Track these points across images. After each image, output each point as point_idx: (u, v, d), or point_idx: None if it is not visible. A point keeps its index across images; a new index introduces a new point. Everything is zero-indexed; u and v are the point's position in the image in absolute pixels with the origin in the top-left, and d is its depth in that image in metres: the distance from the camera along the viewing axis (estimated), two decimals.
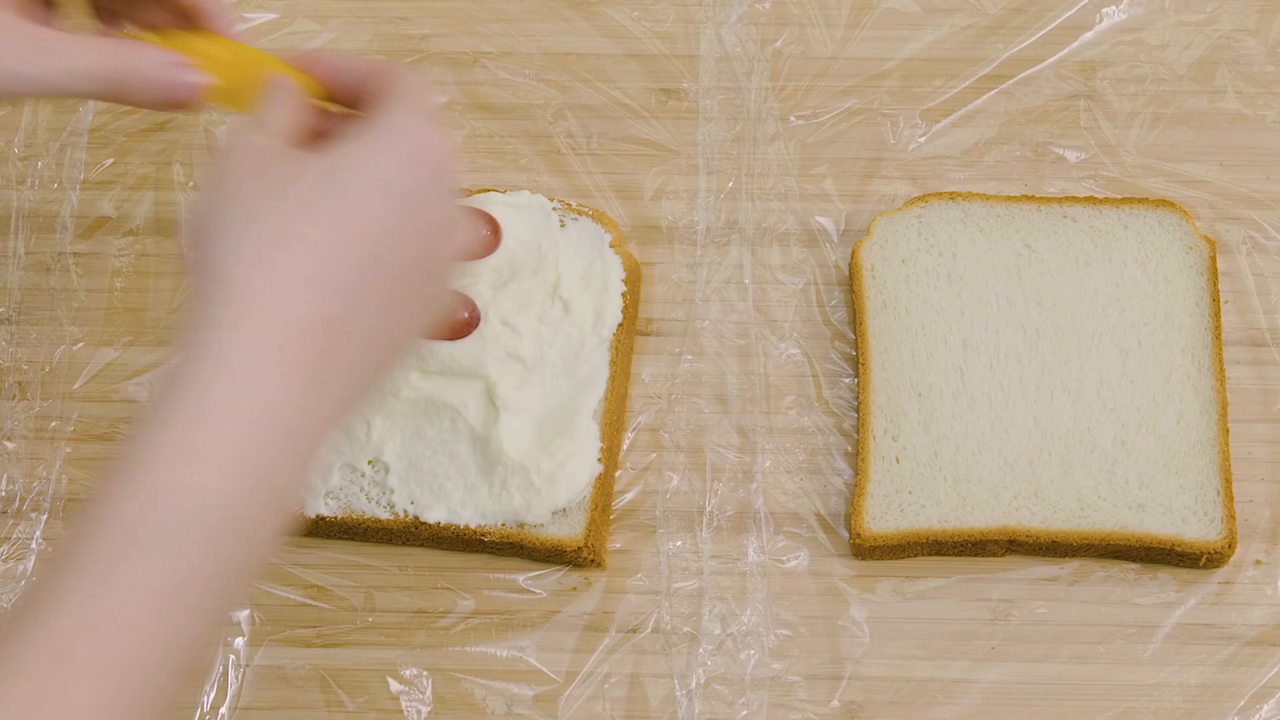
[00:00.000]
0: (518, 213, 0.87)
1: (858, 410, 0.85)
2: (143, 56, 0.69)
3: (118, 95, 0.69)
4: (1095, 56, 0.95)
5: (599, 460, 0.82)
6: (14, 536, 0.84)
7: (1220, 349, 0.84)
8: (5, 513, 0.84)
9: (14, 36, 0.68)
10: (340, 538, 0.84)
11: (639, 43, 0.96)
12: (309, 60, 0.71)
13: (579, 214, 0.88)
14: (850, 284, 0.88)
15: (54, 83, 0.68)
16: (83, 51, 0.68)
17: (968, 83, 0.94)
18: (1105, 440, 0.82)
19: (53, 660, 0.55)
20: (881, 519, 0.81)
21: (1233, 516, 0.81)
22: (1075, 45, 0.95)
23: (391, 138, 0.65)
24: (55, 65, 0.68)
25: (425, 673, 0.80)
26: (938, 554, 0.82)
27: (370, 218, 0.63)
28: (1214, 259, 0.87)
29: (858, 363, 0.85)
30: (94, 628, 0.55)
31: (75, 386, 0.87)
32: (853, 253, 0.88)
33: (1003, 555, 0.82)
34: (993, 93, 0.94)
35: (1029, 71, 0.94)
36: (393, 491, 0.82)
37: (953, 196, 0.89)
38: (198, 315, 0.60)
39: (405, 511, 0.82)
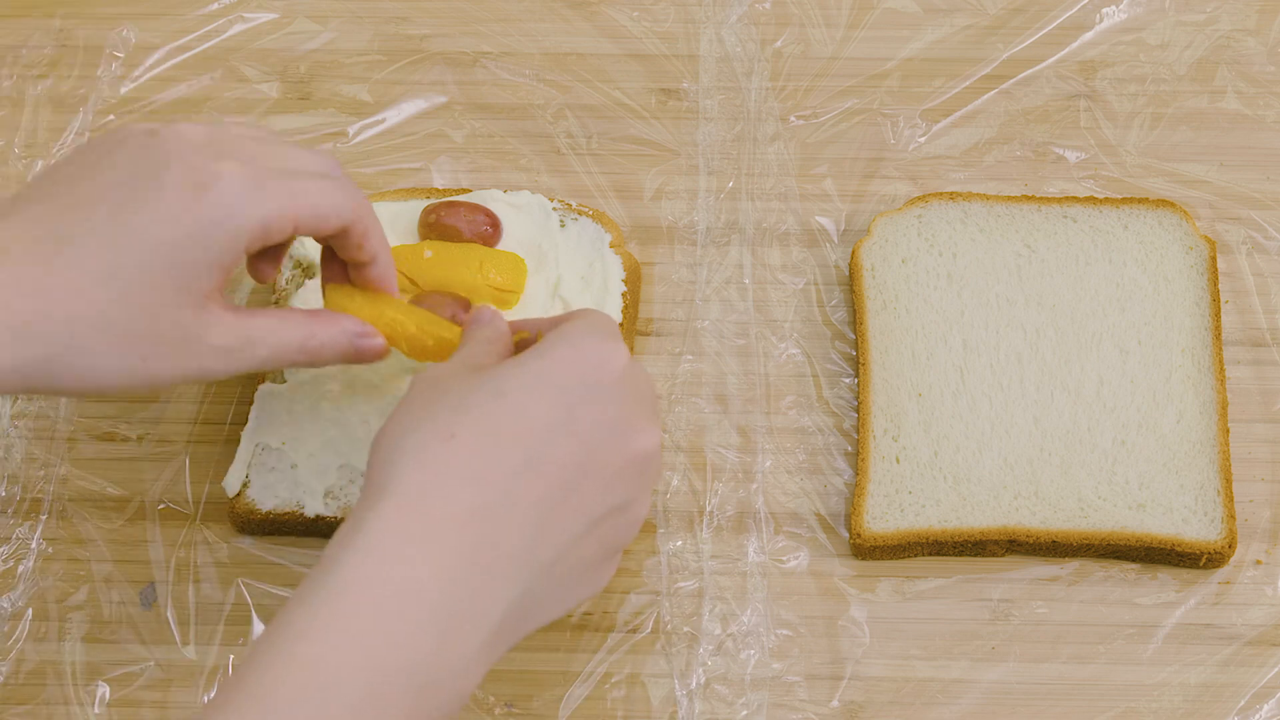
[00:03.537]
0: (518, 212, 0.87)
1: (858, 410, 0.85)
2: (332, 329, 0.75)
3: (310, 363, 0.75)
4: (1095, 56, 0.95)
5: None
6: (14, 536, 0.84)
7: (1220, 349, 0.84)
8: (5, 513, 0.84)
9: (226, 330, 0.71)
10: None
11: (639, 43, 0.96)
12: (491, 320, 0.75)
13: (579, 214, 0.88)
14: (850, 284, 0.88)
15: (257, 364, 0.73)
16: (281, 334, 0.73)
17: (968, 83, 0.94)
18: (1105, 440, 0.82)
19: None
20: (882, 519, 0.81)
21: (1233, 516, 0.81)
22: (1075, 45, 0.95)
23: (558, 344, 0.69)
24: (259, 355, 0.72)
25: None
26: (938, 554, 0.82)
27: (530, 417, 0.67)
28: (1214, 259, 0.87)
29: (858, 363, 0.85)
30: None
31: None
32: (853, 253, 0.88)
33: (1003, 555, 0.82)
34: (993, 93, 0.94)
35: (1029, 71, 0.94)
36: None
37: (953, 196, 0.89)
38: (359, 507, 0.65)
39: None
